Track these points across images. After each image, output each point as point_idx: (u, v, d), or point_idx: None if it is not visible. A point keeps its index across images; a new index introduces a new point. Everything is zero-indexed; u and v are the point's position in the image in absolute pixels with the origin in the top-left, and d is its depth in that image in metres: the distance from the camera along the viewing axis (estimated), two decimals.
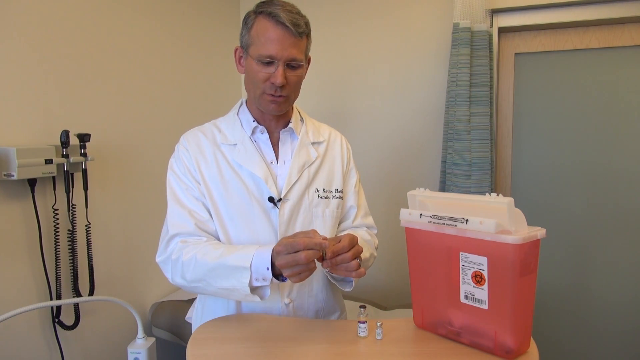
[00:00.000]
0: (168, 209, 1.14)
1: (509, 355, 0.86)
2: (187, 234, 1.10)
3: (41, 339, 1.51)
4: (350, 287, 1.16)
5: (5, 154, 1.33)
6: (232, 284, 0.99)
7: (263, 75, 1.08)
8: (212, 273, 1.02)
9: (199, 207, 1.13)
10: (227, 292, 1.02)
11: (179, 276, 1.07)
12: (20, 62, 1.42)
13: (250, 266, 0.97)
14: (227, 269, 1.00)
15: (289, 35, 1.06)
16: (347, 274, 0.99)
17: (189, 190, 1.14)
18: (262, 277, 0.97)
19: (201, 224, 1.11)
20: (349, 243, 0.98)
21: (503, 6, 2.09)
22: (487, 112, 2.05)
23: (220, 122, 1.23)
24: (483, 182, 2.04)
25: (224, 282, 1.01)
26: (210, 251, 1.04)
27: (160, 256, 1.13)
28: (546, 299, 2.26)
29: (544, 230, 0.86)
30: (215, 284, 1.02)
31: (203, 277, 1.04)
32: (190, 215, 1.11)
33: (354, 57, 2.39)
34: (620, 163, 2.12)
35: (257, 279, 0.98)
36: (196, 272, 1.04)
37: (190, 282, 1.06)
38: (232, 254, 1.01)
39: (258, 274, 0.97)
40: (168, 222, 1.13)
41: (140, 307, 1.96)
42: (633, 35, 2.05)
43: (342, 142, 1.30)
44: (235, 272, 0.98)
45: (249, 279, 0.97)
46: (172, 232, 1.11)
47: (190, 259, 1.05)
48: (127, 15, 1.82)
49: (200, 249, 1.05)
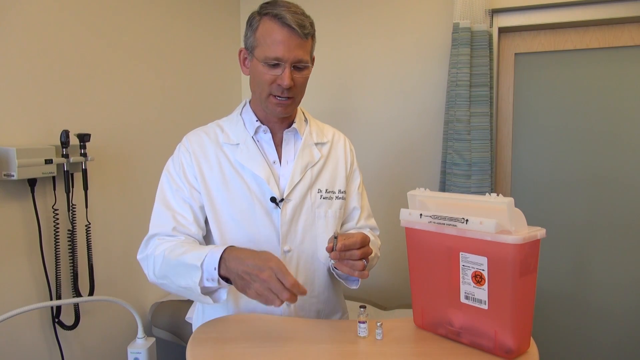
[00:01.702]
0: (154, 207, 1.15)
1: (509, 355, 0.86)
2: (165, 234, 1.10)
3: (41, 339, 1.50)
4: (356, 285, 1.17)
5: (5, 154, 1.33)
6: (187, 283, 0.98)
7: (269, 77, 1.08)
8: (173, 270, 1.02)
9: (185, 210, 1.12)
10: (185, 291, 1.01)
11: (152, 272, 1.08)
12: (20, 62, 1.42)
13: (202, 265, 0.96)
14: (184, 267, 0.99)
15: (295, 37, 1.05)
16: (351, 272, 0.99)
17: (179, 192, 1.14)
18: (212, 277, 0.96)
19: (181, 227, 1.11)
20: (361, 241, 0.98)
21: (503, 6, 2.09)
22: (487, 112, 2.05)
23: (224, 122, 1.23)
24: (483, 182, 2.04)
25: (181, 280, 1.00)
26: (176, 249, 1.03)
27: (141, 254, 1.13)
28: (546, 299, 2.26)
29: (544, 230, 0.86)
30: (176, 281, 1.02)
31: (166, 274, 1.04)
32: (173, 217, 1.11)
33: (354, 57, 2.39)
34: (620, 163, 2.12)
35: (207, 279, 0.97)
36: (162, 268, 1.04)
37: (158, 278, 1.07)
38: (190, 252, 1.00)
39: (208, 274, 0.96)
40: (151, 221, 1.14)
41: (140, 307, 1.96)
42: (633, 35, 2.05)
43: (345, 143, 1.31)
44: (189, 270, 0.98)
45: (200, 278, 0.96)
46: (152, 232, 1.12)
47: (158, 255, 1.05)
48: (127, 15, 1.82)
49: (169, 246, 1.05)
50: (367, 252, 1.00)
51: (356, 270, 0.98)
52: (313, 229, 1.18)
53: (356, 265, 0.98)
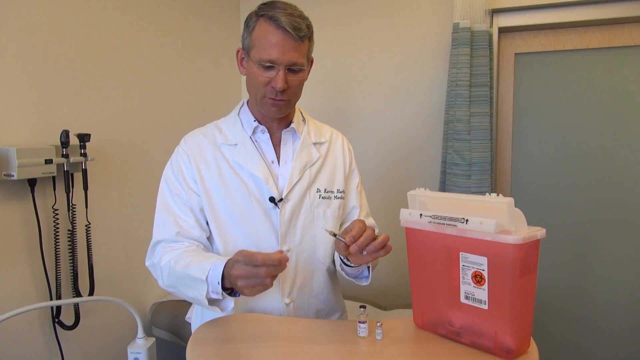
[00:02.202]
0: (156, 213, 1.16)
1: (509, 355, 0.86)
2: (169, 240, 1.12)
3: (41, 339, 1.51)
4: (367, 281, 1.16)
5: (5, 154, 1.33)
6: (194, 294, 1.01)
7: (264, 79, 1.08)
8: (180, 281, 1.04)
9: (186, 213, 1.13)
10: (194, 300, 1.04)
11: (161, 280, 1.11)
12: (21, 62, 1.42)
13: (207, 279, 0.98)
14: (190, 280, 1.01)
15: (290, 40, 1.05)
16: (375, 256, 0.97)
17: (179, 196, 1.14)
18: (216, 291, 0.98)
19: (184, 231, 1.12)
20: (359, 226, 0.97)
21: (503, 6, 2.09)
22: (487, 112, 2.05)
23: (222, 123, 1.23)
24: (483, 182, 2.04)
25: (188, 291, 1.02)
26: (181, 259, 1.05)
27: (148, 260, 1.16)
28: (546, 299, 2.26)
29: (544, 230, 0.86)
30: (184, 292, 1.04)
31: (174, 283, 1.06)
32: (175, 222, 1.12)
33: (354, 57, 2.39)
34: (620, 163, 2.12)
35: (213, 292, 0.99)
36: (170, 278, 1.06)
37: (167, 287, 1.10)
38: (194, 265, 1.01)
39: (213, 287, 0.98)
40: (154, 227, 1.15)
41: (140, 307, 1.96)
42: (633, 35, 2.05)
43: (343, 143, 1.31)
44: (195, 283, 0.99)
45: (206, 292, 0.98)
46: (155, 238, 1.14)
47: (165, 265, 1.07)
48: (127, 15, 1.82)
49: (174, 255, 1.07)
50: (372, 231, 0.98)
51: (380, 250, 0.96)
52: (312, 228, 1.18)
53: (377, 246, 0.96)
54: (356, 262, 1.03)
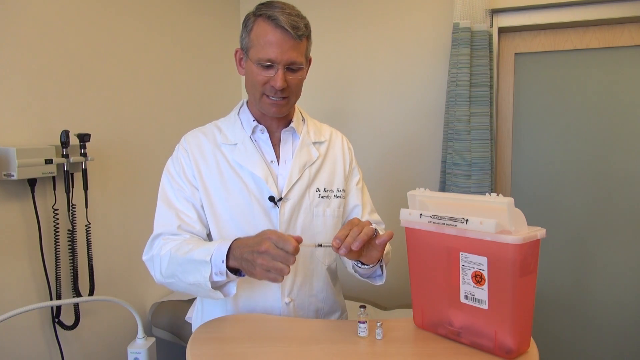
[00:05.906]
0: (157, 208, 1.15)
1: (509, 355, 0.86)
2: (170, 233, 1.11)
3: (41, 339, 1.51)
4: (381, 280, 1.17)
5: (5, 154, 1.33)
6: (196, 279, 0.99)
7: (263, 79, 1.08)
8: (180, 268, 1.02)
9: (188, 208, 1.13)
10: (194, 287, 1.02)
11: (158, 272, 1.09)
12: (20, 62, 1.42)
13: (211, 259, 0.97)
14: (192, 264, 0.99)
15: (289, 39, 1.05)
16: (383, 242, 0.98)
17: (180, 191, 1.14)
18: (220, 271, 0.97)
19: (186, 225, 1.12)
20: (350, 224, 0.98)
21: (503, 6, 2.09)
22: (487, 112, 2.05)
23: (221, 123, 1.23)
24: (483, 182, 2.04)
25: (189, 277, 1.00)
26: (182, 247, 1.04)
27: (146, 255, 1.14)
28: (546, 299, 2.26)
29: (544, 230, 0.86)
30: (184, 279, 1.02)
31: (174, 272, 1.04)
32: (177, 216, 1.12)
33: (354, 57, 2.39)
34: (620, 163, 2.12)
35: (216, 273, 0.97)
36: (169, 267, 1.05)
37: (165, 277, 1.07)
38: (198, 249, 1.00)
39: (217, 268, 0.97)
40: (154, 222, 1.14)
41: (140, 307, 1.96)
42: (633, 35, 2.05)
43: (343, 142, 1.31)
44: (198, 266, 0.98)
45: (209, 273, 0.97)
46: (156, 232, 1.12)
47: (165, 254, 1.06)
48: (127, 15, 1.82)
49: (175, 244, 1.06)
50: (364, 225, 0.98)
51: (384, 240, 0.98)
52: (311, 228, 1.18)
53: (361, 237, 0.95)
54: (367, 261, 1.04)
